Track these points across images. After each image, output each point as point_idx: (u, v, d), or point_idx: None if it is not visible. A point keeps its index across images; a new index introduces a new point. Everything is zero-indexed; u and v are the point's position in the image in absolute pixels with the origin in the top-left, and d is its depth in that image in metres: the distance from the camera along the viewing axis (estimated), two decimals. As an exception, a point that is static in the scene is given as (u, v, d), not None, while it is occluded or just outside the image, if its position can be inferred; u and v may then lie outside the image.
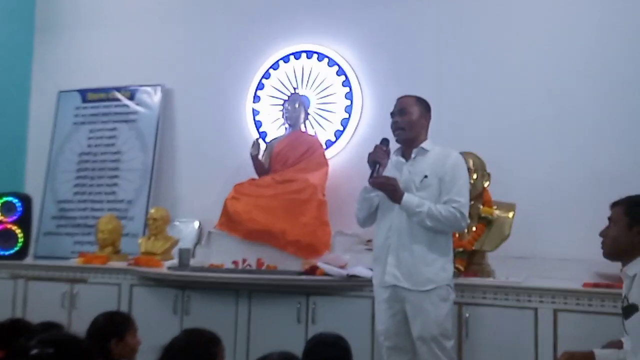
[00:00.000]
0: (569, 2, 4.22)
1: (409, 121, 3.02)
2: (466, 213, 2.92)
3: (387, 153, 3.04)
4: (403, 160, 3.05)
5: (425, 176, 2.92)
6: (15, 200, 4.70)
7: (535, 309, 3.19)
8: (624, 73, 3.99)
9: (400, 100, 3.10)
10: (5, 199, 4.69)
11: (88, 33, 5.70)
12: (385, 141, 3.07)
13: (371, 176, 2.96)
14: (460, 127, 4.18)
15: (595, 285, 3.20)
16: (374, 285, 3.08)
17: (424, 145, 3.02)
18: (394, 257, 2.93)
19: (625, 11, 4.05)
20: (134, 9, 5.58)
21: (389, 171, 3.01)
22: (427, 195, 2.90)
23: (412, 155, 3.01)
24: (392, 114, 3.09)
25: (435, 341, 2.83)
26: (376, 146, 3.04)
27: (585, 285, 3.22)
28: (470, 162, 3.60)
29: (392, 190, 2.90)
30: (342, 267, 3.62)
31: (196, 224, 4.92)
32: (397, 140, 3.08)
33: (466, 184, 3.00)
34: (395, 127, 3.05)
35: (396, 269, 2.92)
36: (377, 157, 2.98)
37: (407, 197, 2.87)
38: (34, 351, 1.84)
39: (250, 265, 3.94)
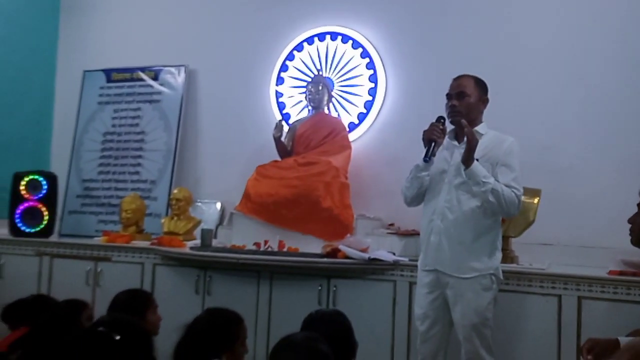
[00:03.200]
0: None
1: (468, 105, 2.92)
2: (521, 202, 2.85)
3: (443, 132, 2.93)
4: (456, 142, 2.96)
5: (476, 159, 2.79)
6: (40, 179, 4.77)
7: (559, 296, 3.16)
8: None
9: (458, 81, 2.98)
10: (31, 177, 4.76)
11: (113, 13, 5.72)
12: (441, 118, 2.94)
13: (426, 155, 2.87)
14: (486, 113, 4.08)
15: (621, 273, 3.15)
16: (418, 268, 3.04)
17: (478, 128, 2.93)
18: (437, 241, 2.88)
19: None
20: (158, -11, 5.58)
21: (439, 152, 2.93)
22: None
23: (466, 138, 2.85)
24: (449, 96, 2.97)
25: (475, 329, 2.79)
26: (432, 124, 2.92)
27: (610, 273, 3.17)
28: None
29: (471, 149, 2.75)
30: (363, 250, 3.61)
31: (218, 205, 4.94)
32: (452, 123, 2.97)
33: (520, 172, 2.91)
34: (452, 111, 2.94)
35: (438, 253, 2.88)
36: (433, 135, 2.88)
37: (477, 164, 2.76)
38: (100, 329, 1.85)
39: (271, 247, 3.94)
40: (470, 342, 2.81)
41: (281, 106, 4.94)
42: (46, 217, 4.74)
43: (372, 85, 4.65)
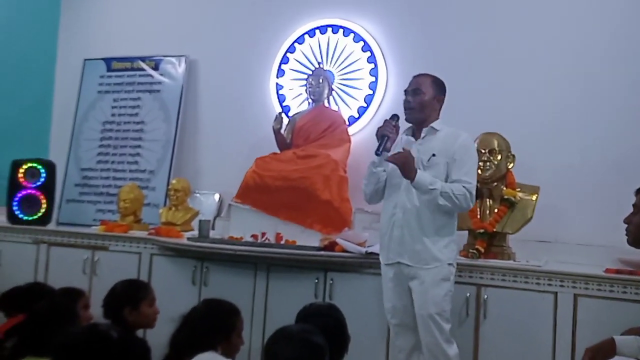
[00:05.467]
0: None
1: (421, 102, 3.01)
2: (474, 194, 2.92)
3: (397, 128, 3.03)
4: (413, 139, 3.05)
5: (433, 155, 2.92)
6: (39, 167, 4.76)
7: (555, 293, 3.16)
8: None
9: (416, 79, 3.09)
10: (29, 164, 4.74)
11: (115, 2, 5.72)
12: (395, 117, 3.05)
13: (378, 149, 2.97)
14: (486, 108, 4.13)
15: (618, 271, 3.15)
16: (381, 264, 3.10)
17: (434, 125, 3.02)
18: (399, 235, 2.95)
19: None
20: (160, -21, 5.57)
21: (397, 149, 3.00)
22: (434, 173, 2.89)
23: (422, 135, 3.01)
24: (406, 92, 3.07)
25: (432, 320, 2.84)
26: (385, 121, 3.03)
27: (607, 271, 3.17)
28: (495, 143, 3.58)
29: (407, 168, 2.85)
30: (361, 244, 3.61)
31: (216, 196, 4.94)
32: (406, 119, 3.07)
33: (475, 165, 3.03)
34: (406, 107, 3.05)
35: (400, 246, 2.94)
36: (385, 131, 2.98)
37: (420, 174, 2.85)
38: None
39: (269, 239, 3.94)
40: (429, 334, 2.86)
41: (281, 98, 4.93)
42: (44, 205, 4.72)
43: (373, 79, 4.64)
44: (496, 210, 3.56)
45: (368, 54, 4.67)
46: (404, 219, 2.94)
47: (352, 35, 4.74)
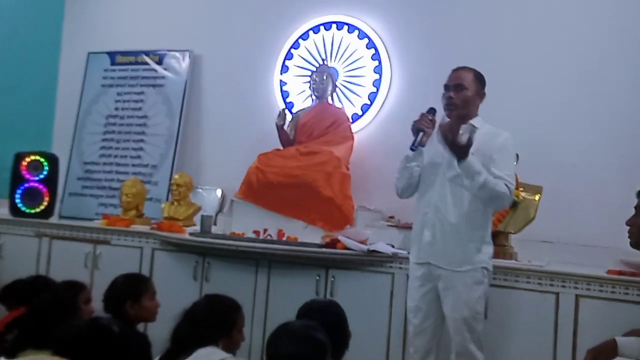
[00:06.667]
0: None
1: (464, 98, 2.90)
2: (513, 194, 2.84)
3: (433, 123, 2.91)
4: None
5: (471, 153, 2.75)
6: (42, 160, 4.76)
7: (557, 294, 3.15)
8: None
9: (457, 72, 2.96)
10: (32, 157, 4.74)
11: (119, -4, 5.71)
12: (432, 110, 2.92)
13: (413, 144, 2.86)
14: (490, 106, 4.10)
15: (620, 273, 3.14)
16: (410, 262, 3.04)
17: (474, 122, 2.92)
18: (430, 234, 2.87)
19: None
20: (165, -27, 5.56)
21: (434, 144, 2.92)
22: None
23: (461, 132, 2.84)
24: (447, 87, 2.95)
25: (465, 323, 2.79)
26: (422, 114, 2.90)
27: (609, 272, 3.17)
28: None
29: (451, 144, 2.73)
30: (362, 242, 3.60)
31: (219, 192, 4.94)
32: (447, 116, 2.94)
33: (513, 166, 2.92)
34: (448, 102, 2.92)
35: (431, 247, 2.87)
36: (422, 125, 2.86)
37: (472, 158, 2.73)
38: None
39: (270, 236, 3.95)
40: (460, 335, 2.81)
41: (285, 94, 4.93)
42: (47, 199, 4.72)
43: (377, 76, 4.63)
44: (499, 210, 3.55)
45: (372, 51, 4.66)
46: (437, 218, 2.86)
47: (356, 32, 4.73)
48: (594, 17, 4.06)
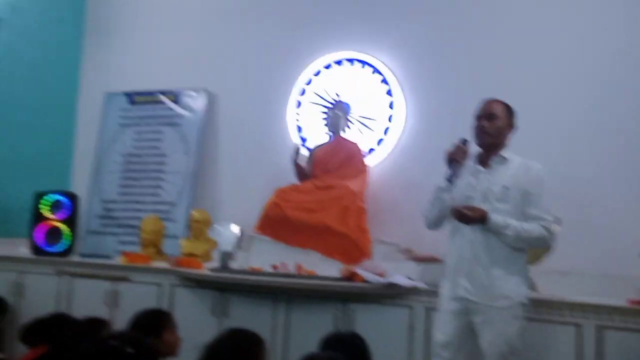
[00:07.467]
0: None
1: (497, 127, 2.91)
2: (553, 232, 2.82)
3: (466, 153, 2.93)
4: (481, 167, 2.93)
5: (507, 187, 2.78)
6: (63, 199, 4.82)
7: (579, 325, 3.12)
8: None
9: (489, 104, 2.98)
10: (52, 196, 4.81)
11: (135, 37, 5.85)
12: (465, 141, 2.94)
13: (448, 176, 2.88)
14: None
15: (642, 302, 3.11)
16: (442, 296, 2.97)
17: (503, 153, 2.92)
18: (468, 271, 2.83)
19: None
20: (180, 15, 5.70)
21: (463, 177, 2.92)
22: (508, 207, 2.78)
23: (491, 164, 2.88)
24: (478, 117, 2.96)
25: (502, 357, 2.74)
26: (456, 145, 2.92)
27: (630, 302, 3.13)
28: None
29: (472, 218, 2.77)
30: (380, 275, 3.60)
31: (236, 228, 4.96)
32: (479, 145, 2.95)
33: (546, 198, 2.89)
34: (480, 131, 2.92)
35: (469, 283, 2.82)
36: (456, 156, 2.89)
37: (493, 218, 2.75)
38: (112, 342, 1.89)
39: (289, 270, 3.96)
40: None
41: (299, 129, 4.99)
42: (67, 237, 4.77)
43: (391, 111, 4.68)
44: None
45: (386, 86, 4.72)
46: (472, 252, 2.82)
47: (369, 68, 4.80)
48: (611, 49, 4.08)
